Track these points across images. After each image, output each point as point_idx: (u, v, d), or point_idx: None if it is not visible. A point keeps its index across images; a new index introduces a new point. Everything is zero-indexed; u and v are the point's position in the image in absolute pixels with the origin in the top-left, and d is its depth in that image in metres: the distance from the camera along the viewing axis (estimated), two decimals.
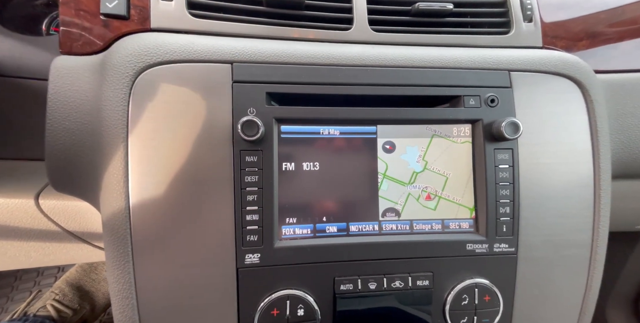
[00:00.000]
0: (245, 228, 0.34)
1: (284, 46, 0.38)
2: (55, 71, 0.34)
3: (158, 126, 0.33)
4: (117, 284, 0.32)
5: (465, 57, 0.40)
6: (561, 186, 0.40)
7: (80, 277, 0.88)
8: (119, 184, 0.32)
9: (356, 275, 0.36)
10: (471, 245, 0.38)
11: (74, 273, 0.89)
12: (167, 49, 0.34)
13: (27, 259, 0.55)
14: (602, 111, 0.41)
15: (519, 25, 0.45)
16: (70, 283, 0.86)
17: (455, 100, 0.40)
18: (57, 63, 0.34)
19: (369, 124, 0.39)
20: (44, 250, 0.53)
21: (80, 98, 0.34)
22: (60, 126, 0.33)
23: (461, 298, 0.38)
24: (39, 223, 0.48)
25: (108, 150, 0.33)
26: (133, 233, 0.32)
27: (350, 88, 0.37)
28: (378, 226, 0.38)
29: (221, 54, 0.35)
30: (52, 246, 0.53)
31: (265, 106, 0.35)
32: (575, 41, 0.47)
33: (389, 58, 0.39)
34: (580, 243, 0.40)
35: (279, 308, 0.35)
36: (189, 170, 0.33)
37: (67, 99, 0.33)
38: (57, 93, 0.33)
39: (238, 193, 0.34)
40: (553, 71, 0.41)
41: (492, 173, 0.38)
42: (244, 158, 0.34)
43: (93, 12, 0.36)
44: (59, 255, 0.56)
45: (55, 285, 0.86)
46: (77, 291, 0.84)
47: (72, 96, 0.33)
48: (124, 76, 0.33)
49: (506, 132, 0.36)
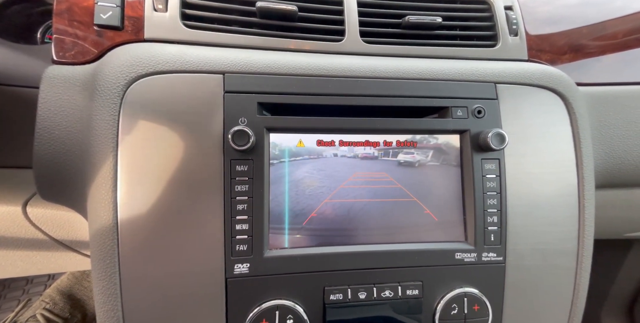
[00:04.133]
0: (234, 237, 0.34)
1: (275, 57, 0.38)
2: (47, 80, 0.34)
3: (148, 136, 0.33)
4: (102, 295, 0.32)
5: (453, 69, 0.41)
6: (547, 196, 0.40)
7: (72, 285, 0.86)
8: (107, 194, 0.32)
9: (346, 285, 0.36)
10: (460, 254, 0.38)
11: (65, 281, 0.87)
12: (159, 59, 0.34)
13: (14, 268, 0.54)
14: (584, 122, 0.42)
15: (505, 39, 0.46)
16: (61, 291, 0.84)
17: (443, 111, 0.41)
18: (50, 72, 0.35)
19: (359, 133, 0.39)
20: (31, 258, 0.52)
21: (71, 107, 0.34)
22: (50, 135, 0.33)
23: (451, 307, 0.38)
24: (26, 231, 0.48)
25: (97, 159, 0.33)
26: (120, 244, 0.32)
27: (340, 99, 0.38)
28: None
29: (213, 65, 0.36)
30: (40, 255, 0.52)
31: (257, 116, 0.36)
32: (559, 54, 0.48)
33: (380, 69, 0.40)
34: (566, 251, 0.41)
35: (268, 318, 0.34)
36: (179, 180, 0.34)
37: (58, 108, 0.33)
38: (47, 102, 0.33)
39: (228, 202, 0.34)
40: (537, 84, 0.42)
41: (479, 183, 0.39)
42: (235, 167, 0.35)
43: (87, 23, 0.36)
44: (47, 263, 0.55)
45: (46, 293, 0.84)
46: (68, 299, 0.82)
47: (63, 105, 0.34)
48: (115, 86, 0.33)
49: (492, 143, 0.37)
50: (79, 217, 0.44)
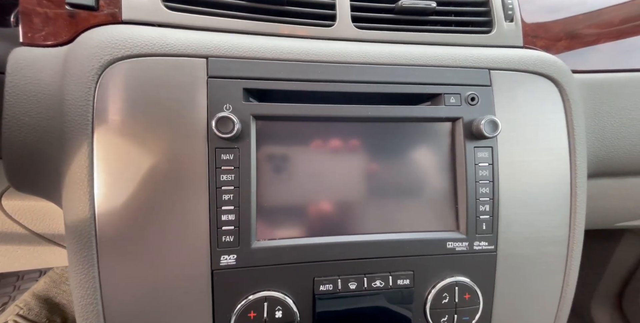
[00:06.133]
0: (220, 228, 0.33)
1: (262, 41, 0.36)
2: (14, 63, 0.32)
3: (127, 123, 0.32)
4: (80, 289, 0.30)
5: (447, 55, 0.40)
6: (539, 184, 0.40)
7: (49, 289, 0.81)
8: (82, 182, 0.31)
9: (336, 275, 0.36)
10: (451, 243, 0.38)
11: (42, 285, 0.82)
12: (137, 41, 0.32)
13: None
14: (578, 110, 0.42)
15: (500, 25, 0.45)
16: (37, 295, 0.79)
17: (436, 98, 0.40)
18: (17, 54, 0.32)
19: (349, 122, 0.38)
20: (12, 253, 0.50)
21: (41, 92, 0.32)
22: (19, 122, 0.31)
23: (442, 296, 0.38)
24: (2, 225, 0.46)
25: (71, 148, 0.31)
26: (99, 236, 0.31)
27: (331, 85, 0.37)
28: None
29: (196, 48, 0.34)
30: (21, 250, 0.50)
31: (242, 103, 0.34)
32: (555, 41, 0.47)
33: (371, 55, 0.38)
34: (557, 239, 0.41)
35: (256, 310, 0.34)
36: (160, 168, 0.32)
37: (27, 94, 0.31)
38: (15, 86, 0.31)
39: (213, 192, 0.33)
40: (532, 70, 0.41)
41: (472, 171, 0.38)
42: (220, 155, 0.33)
43: (58, 2, 0.34)
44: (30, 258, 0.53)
45: (21, 298, 0.79)
46: (45, 304, 0.78)
47: (33, 90, 0.31)
48: (89, 69, 0.31)
49: (485, 130, 0.36)
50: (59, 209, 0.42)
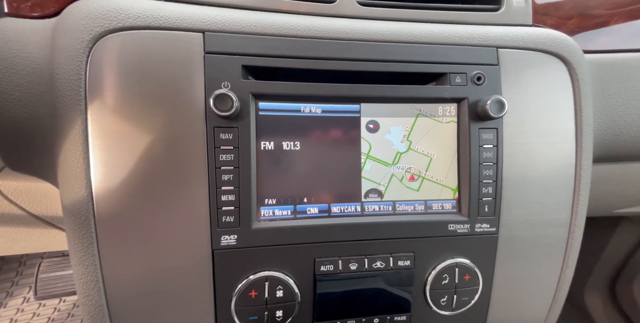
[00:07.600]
0: (220, 208, 0.33)
1: (262, 16, 0.35)
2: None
3: (121, 99, 0.30)
4: (80, 266, 0.30)
5: (453, 33, 0.39)
6: (543, 166, 0.39)
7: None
8: (77, 161, 0.30)
9: (337, 256, 0.36)
10: (453, 225, 0.38)
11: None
12: (129, 13, 0.31)
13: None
14: (587, 90, 0.40)
15: (509, 2, 0.43)
16: None
17: (441, 78, 0.38)
18: (2, 25, 0.31)
19: (353, 102, 0.37)
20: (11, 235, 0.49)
21: (30, 66, 0.30)
22: (10, 97, 0.30)
23: (442, 277, 0.38)
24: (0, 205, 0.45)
25: (64, 123, 0.30)
26: (97, 214, 0.30)
27: (333, 63, 0.35)
28: (360, 207, 0.37)
29: (192, 22, 0.32)
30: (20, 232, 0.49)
31: (241, 80, 0.33)
32: (565, 19, 0.45)
33: (375, 32, 0.37)
34: (559, 222, 0.41)
35: (257, 289, 0.34)
36: (157, 147, 0.31)
37: (15, 67, 0.30)
38: (3, 59, 0.30)
39: (212, 172, 0.32)
40: (541, 49, 0.39)
41: (476, 153, 0.37)
42: (218, 135, 0.32)
43: None
44: (30, 241, 0.53)
45: None
46: None
47: (21, 63, 0.30)
48: (79, 41, 0.29)
49: (491, 110, 0.35)
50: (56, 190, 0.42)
